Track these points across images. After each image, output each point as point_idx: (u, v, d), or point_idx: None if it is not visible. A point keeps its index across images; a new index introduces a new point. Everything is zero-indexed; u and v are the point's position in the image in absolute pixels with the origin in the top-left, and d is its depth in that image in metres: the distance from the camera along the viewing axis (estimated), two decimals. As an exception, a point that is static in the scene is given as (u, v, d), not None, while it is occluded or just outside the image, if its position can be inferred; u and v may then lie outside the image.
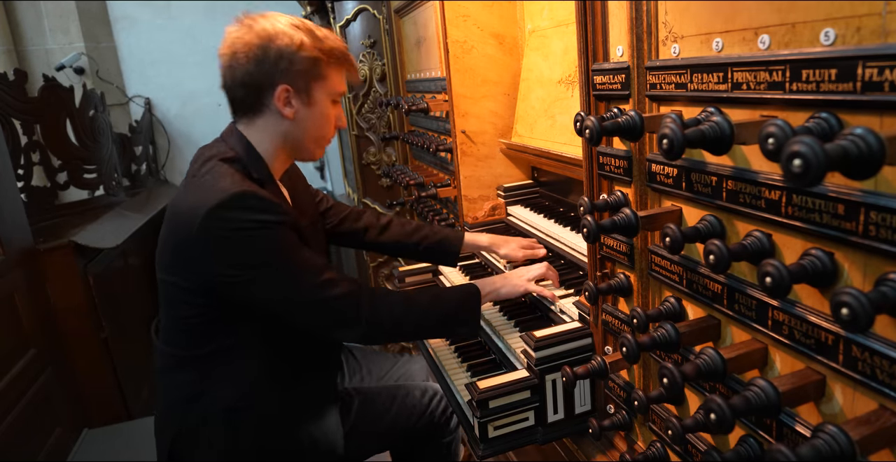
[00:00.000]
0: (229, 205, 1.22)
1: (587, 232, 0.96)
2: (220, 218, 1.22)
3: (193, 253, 1.27)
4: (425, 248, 1.82)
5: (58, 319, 2.79)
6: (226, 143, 1.41)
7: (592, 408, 1.32)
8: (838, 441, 0.58)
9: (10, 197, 2.61)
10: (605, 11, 1.03)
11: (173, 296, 1.39)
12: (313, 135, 1.43)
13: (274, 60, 1.32)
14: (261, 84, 1.34)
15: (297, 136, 1.42)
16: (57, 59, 4.62)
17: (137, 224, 3.61)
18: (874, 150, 0.51)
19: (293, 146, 1.44)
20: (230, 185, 1.25)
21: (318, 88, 1.38)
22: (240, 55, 1.32)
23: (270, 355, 1.45)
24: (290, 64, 1.32)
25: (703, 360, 0.76)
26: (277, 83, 1.34)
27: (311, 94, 1.38)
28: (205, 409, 1.43)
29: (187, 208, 1.27)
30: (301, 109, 1.38)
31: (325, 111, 1.42)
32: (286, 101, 1.36)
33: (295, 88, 1.35)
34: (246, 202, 1.24)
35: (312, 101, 1.39)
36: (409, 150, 3.05)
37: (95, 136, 3.56)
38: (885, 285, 0.58)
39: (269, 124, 1.39)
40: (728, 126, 0.69)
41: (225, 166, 1.32)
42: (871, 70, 0.57)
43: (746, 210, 0.77)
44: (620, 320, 1.13)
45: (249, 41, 1.32)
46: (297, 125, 1.40)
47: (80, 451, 2.60)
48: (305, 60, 1.33)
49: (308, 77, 1.36)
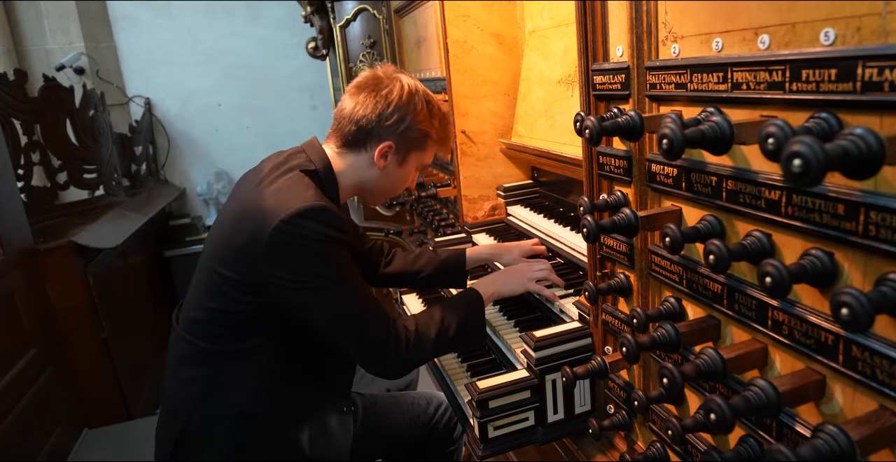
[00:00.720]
0: (308, 215, 1.28)
1: (587, 232, 0.96)
2: (298, 225, 1.27)
3: (258, 252, 1.30)
4: (429, 274, 1.84)
5: (58, 319, 2.79)
6: (307, 156, 1.47)
7: (592, 408, 1.32)
8: (838, 441, 0.58)
9: (10, 197, 2.61)
10: (605, 11, 1.03)
11: (220, 287, 1.41)
12: (388, 188, 1.55)
13: (395, 120, 1.43)
14: (373, 133, 1.44)
15: (374, 184, 1.52)
16: (57, 59, 4.62)
17: (137, 224, 3.61)
18: (874, 150, 0.51)
19: (366, 190, 1.54)
20: (311, 197, 1.32)
21: (414, 156, 1.51)
22: (370, 100, 1.43)
23: (289, 362, 1.47)
24: (407, 130, 1.45)
25: (703, 360, 0.76)
26: (386, 139, 1.44)
27: (406, 157, 1.50)
28: (215, 408, 1.44)
29: (265, 209, 1.31)
30: (392, 166, 1.49)
31: (409, 174, 1.55)
32: (383, 155, 1.46)
33: (397, 148, 1.46)
34: (324, 216, 1.30)
35: (405, 163, 1.51)
36: (409, 150, 3.04)
37: (95, 136, 3.56)
38: (885, 285, 0.58)
39: (358, 164, 1.49)
40: (728, 126, 0.69)
41: (307, 179, 1.39)
42: (871, 70, 0.57)
43: (746, 210, 0.77)
44: (620, 320, 1.13)
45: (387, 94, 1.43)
46: (381, 177, 1.50)
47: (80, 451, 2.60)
48: (419, 132, 1.46)
49: (412, 144, 1.48)
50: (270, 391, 1.45)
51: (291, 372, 1.47)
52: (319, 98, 5.56)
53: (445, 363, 1.67)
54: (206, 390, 1.44)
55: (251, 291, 1.36)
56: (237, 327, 1.42)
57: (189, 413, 1.45)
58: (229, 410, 1.43)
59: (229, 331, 1.42)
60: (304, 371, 1.50)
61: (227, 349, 1.43)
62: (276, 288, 1.32)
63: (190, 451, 1.47)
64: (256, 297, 1.36)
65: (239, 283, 1.37)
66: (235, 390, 1.43)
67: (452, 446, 1.84)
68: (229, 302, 1.40)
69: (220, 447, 1.44)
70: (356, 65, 3.27)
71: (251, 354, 1.43)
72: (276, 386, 1.45)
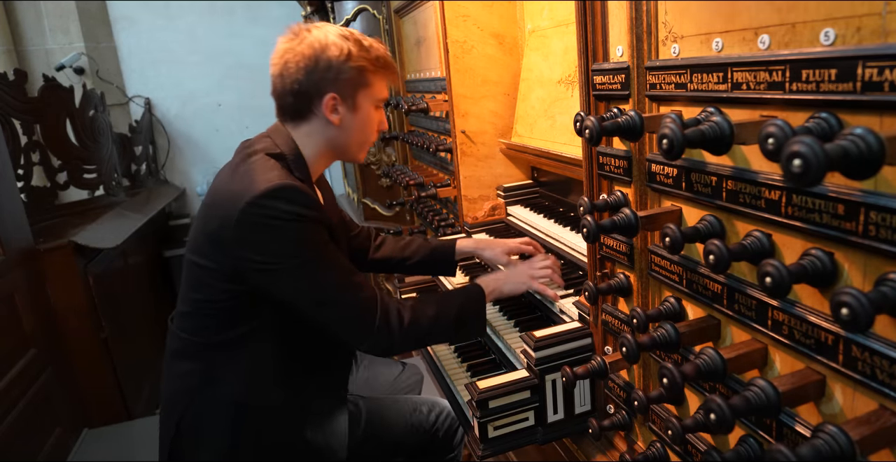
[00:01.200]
0: (273, 194, 1.27)
1: (587, 232, 0.96)
2: (263, 206, 1.27)
3: (230, 237, 1.31)
4: (418, 261, 1.84)
5: (58, 319, 2.79)
6: (272, 140, 1.47)
7: (592, 408, 1.32)
8: (838, 441, 0.58)
9: (10, 197, 2.61)
10: (605, 11, 1.03)
11: (200, 278, 1.42)
12: (358, 139, 1.51)
13: (323, 70, 1.38)
14: (309, 92, 1.41)
15: (342, 140, 1.49)
16: (57, 59, 4.62)
17: (137, 224, 3.61)
18: (874, 150, 0.51)
19: (338, 150, 1.51)
20: (276, 177, 1.31)
21: (363, 96, 1.45)
22: (290, 65, 1.39)
23: (281, 350, 1.46)
24: (338, 73, 1.39)
25: (703, 360, 0.76)
26: (325, 92, 1.40)
27: (356, 101, 1.45)
28: (210, 401, 1.44)
29: (231, 194, 1.32)
30: (346, 116, 1.45)
31: (369, 116, 1.49)
32: (333, 109, 1.42)
33: (341, 96, 1.42)
34: (289, 194, 1.29)
35: (357, 107, 1.45)
36: (409, 150, 3.05)
37: (95, 136, 3.56)
38: (885, 285, 0.58)
39: (316, 129, 1.46)
40: (728, 126, 0.69)
41: (272, 161, 1.39)
42: (871, 70, 0.57)
43: (746, 210, 0.77)
44: (620, 320, 1.13)
45: (301, 51, 1.38)
46: (342, 131, 1.46)
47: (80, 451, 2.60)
48: (352, 70, 1.40)
49: (354, 85, 1.43)
50: (264, 380, 1.45)
51: (284, 359, 1.47)
52: (319, 98, 5.56)
53: (445, 363, 1.67)
54: (200, 383, 1.44)
55: (230, 279, 1.36)
56: (224, 317, 1.42)
57: (185, 407, 1.45)
58: (224, 401, 1.43)
59: (216, 321, 1.43)
60: (297, 357, 1.49)
61: (217, 340, 1.43)
62: (251, 272, 1.32)
63: (187, 447, 1.47)
64: (237, 283, 1.36)
65: (217, 272, 1.37)
66: (229, 381, 1.43)
67: (452, 453, 1.84)
68: (212, 292, 1.40)
69: (216, 443, 1.44)
70: (356, 65, 3.27)
71: (242, 344, 1.42)
72: (269, 374, 1.45)
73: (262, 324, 1.42)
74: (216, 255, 1.37)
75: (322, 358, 1.54)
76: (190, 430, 1.46)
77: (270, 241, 1.29)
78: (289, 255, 1.30)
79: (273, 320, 1.43)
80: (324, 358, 1.55)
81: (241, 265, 1.32)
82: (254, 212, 1.27)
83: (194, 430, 1.46)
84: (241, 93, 5.43)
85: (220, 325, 1.42)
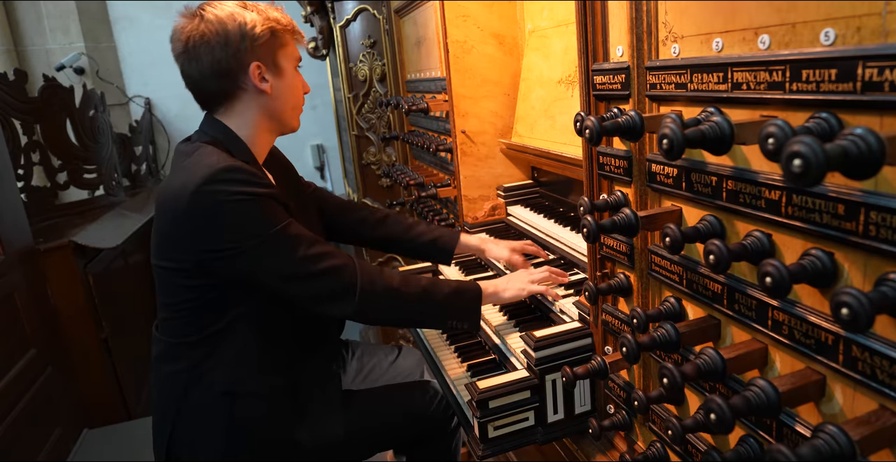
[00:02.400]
0: (216, 178, 1.25)
1: (587, 232, 0.96)
2: (208, 192, 1.24)
3: (184, 231, 1.29)
4: (419, 244, 1.82)
5: (58, 319, 2.79)
6: (205, 133, 1.45)
7: (592, 408, 1.32)
8: (838, 441, 0.58)
9: (10, 197, 2.60)
10: (605, 11, 1.03)
11: (167, 280, 1.41)
12: (291, 104, 1.49)
13: (238, 41, 1.36)
14: (232, 68, 1.37)
15: (276, 108, 1.46)
16: (57, 59, 4.62)
17: (137, 224, 3.61)
18: (874, 150, 0.51)
19: (276, 120, 1.49)
20: (216, 162, 1.29)
21: (282, 57, 1.44)
22: (200, 46, 1.35)
23: (264, 341, 1.45)
24: (254, 40, 1.37)
25: (703, 360, 0.76)
26: (248, 62, 1.38)
27: (278, 64, 1.43)
28: (200, 399, 1.43)
29: (176, 189, 1.29)
30: (274, 82, 1.43)
31: (294, 79, 1.48)
32: (260, 78, 1.40)
33: (265, 63, 1.40)
34: (232, 175, 1.27)
35: (282, 70, 1.44)
36: (409, 150, 3.05)
37: (95, 136, 3.56)
38: (885, 285, 0.58)
39: (249, 105, 1.44)
40: (728, 126, 0.69)
41: (209, 147, 1.36)
42: (871, 70, 0.57)
43: (746, 210, 0.77)
44: (620, 320, 1.13)
45: (206, 30, 1.35)
46: (274, 99, 1.44)
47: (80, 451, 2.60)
48: (265, 34, 1.38)
49: (272, 49, 1.41)
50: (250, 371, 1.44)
51: (268, 348, 1.46)
52: (319, 98, 5.55)
53: (445, 363, 1.67)
54: (188, 382, 1.44)
55: (195, 275, 1.34)
56: (201, 315, 1.41)
57: (176, 409, 1.45)
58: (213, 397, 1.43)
59: (195, 321, 1.42)
60: (281, 344, 1.48)
61: (198, 338, 1.42)
62: (214, 262, 1.30)
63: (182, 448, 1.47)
64: (202, 278, 1.35)
65: (180, 271, 1.36)
66: (215, 377, 1.42)
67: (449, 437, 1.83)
68: (178, 292, 1.39)
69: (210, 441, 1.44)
70: (356, 65, 3.27)
71: (222, 338, 1.42)
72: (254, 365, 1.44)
73: (239, 315, 1.41)
74: (176, 254, 1.35)
75: (307, 344, 1.53)
76: (183, 430, 1.46)
77: (224, 226, 1.27)
78: (246, 236, 1.27)
79: (251, 310, 1.41)
80: (308, 344, 1.54)
81: (203, 257, 1.30)
82: (201, 199, 1.25)
83: (187, 430, 1.45)
84: (241, 93, 5.43)
85: (200, 323, 1.41)
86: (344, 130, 3.96)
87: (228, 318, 1.41)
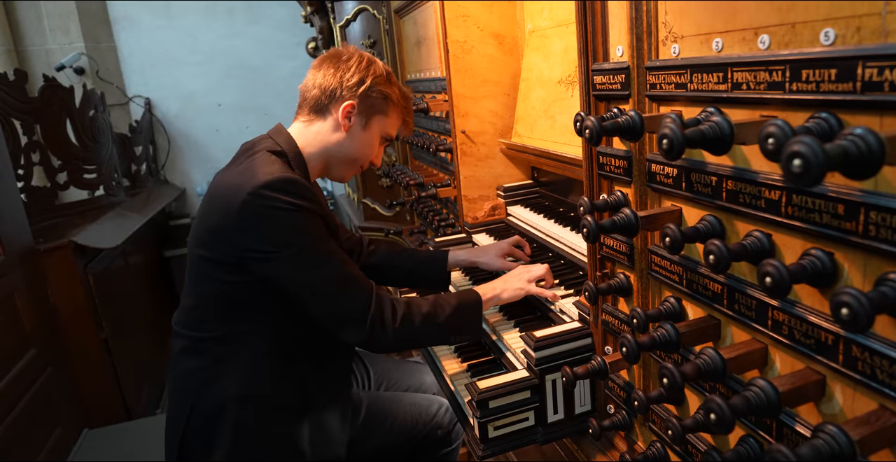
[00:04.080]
0: (273, 186, 1.31)
1: (587, 232, 0.96)
2: (263, 196, 1.30)
3: (232, 228, 1.34)
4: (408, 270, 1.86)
5: (58, 319, 2.79)
6: (273, 140, 1.51)
7: (592, 408, 1.32)
8: (838, 441, 0.58)
9: (10, 197, 2.61)
10: (605, 11, 1.03)
11: (204, 271, 1.44)
12: (354, 155, 1.57)
13: (357, 80, 1.50)
14: (334, 93, 1.51)
15: (340, 150, 1.55)
16: (57, 59, 4.62)
17: (137, 224, 3.61)
18: (874, 150, 0.51)
19: (333, 158, 1.56)
20: (277, 171, 1.36)
21: (377, 121, 1.56)
22: (332, 68, 1.51)
23: (284, 343, 1.47)
24: (367, 89, 1.51)
25: (703, 360, 0.76)
26: (347, 98, 1.50)
27: (369, 121, 1.54)
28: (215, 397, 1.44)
29: (232, 186, 1.35)
30: (356, 128, 1.54)
31: (374, 141, 1.58)
32: (347, 115, 1.51)
33: (359, 109, 1.52)
34: (289, 186, 1.33)
35: (368, 127, 1.55)
36: (409, 150, 3.05)
37: (95, 136, 3.56)
38: (885, 285, 0.58)
39: (323, 130, 1.53)
40: (728, 126, 0.69)
41: (273, 156, 1.44)
42: (871, 70, 0.57)
43: (746, 210, 0.77)
44: (620, 320, 1.13)
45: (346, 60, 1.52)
46: (346, 140, 1.54)
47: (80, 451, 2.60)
48: (380, 93, 1.53)
49: (374, 107, 1.54)
50: (265, 374, 1.46)
51: (285, 353, 1.48)
52: (319, 98, 5.56)
53: (445, 363, 1.67)
54: (207, 380, 1.46)
55: (232, 270, 1.39)
56: (227, 309, 1.44)
57: (192, 405, 1.46)
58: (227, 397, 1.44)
59: (219, 314, 1.45)
60: (298, 352, 1.50)
61: (220, 334, 1.45)
62: (251, 261, 1.35)
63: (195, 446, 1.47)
64: (239, 275, 1.39)
65: (221, 263, 1.40)
66: (232, 376, 1.44)
67: (449, 448, 1.84)
68: (216, 284, 1.42)
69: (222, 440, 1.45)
70: (356, 65, 3.27)
71: (243, 338, 1.44)
72: (269, 368, 1.46)
73: (264, 317, 1.44)
74: (219, 247, 1.39)
75: (322, 353, 1.55)
76: (195, 429, 1.46)
77: (270, 230, 1.32)
78: (287, 244, 1.33)
79: (273, 312, 1.44)
80: (324, 353, 1.56)
81: (243, 255, 1.35)
82: (255, 202, 1.30)
83: (202, 427, 1.47)
84: (242, 93, 5.43)
85: (224, 318, 1.45)
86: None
87: (251, 320, 1.44)
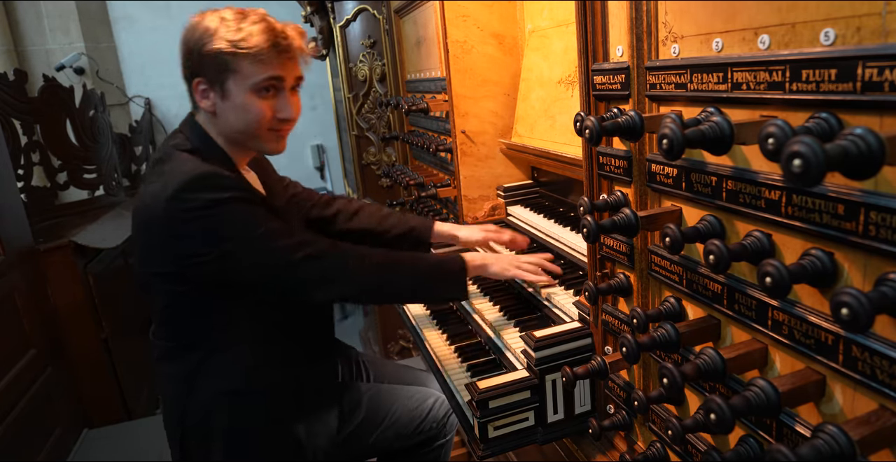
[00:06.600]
0: (190, 187, 1.25)
1: (587, 232, 0.96)
2: (183, 200, 1.25)
3: (162, 239, 1.30)
4: (394, 236, 1.80)
5: (58, 319, 2.79)
6: (183, 134, 1.42)
7: (592, 408, 1.32)
8: (838, 441, 0.58)
9: (10, 197, 2.61)
10: (605, 11, 1.03)
11: (156, 287, 1.41)
12: (239, 128, 1.37)
13: (187, 54, 1.33)
14: (186, 77, 1.36)
15: (230, 128, 1.38)
16: (57, 59, 4.61)
17: (137, 224, 3.60)
18: (874, 150, 0.51)
19: (236, 139, 1.41)
20: (190, 169, 1.28)
21: (232, 83, 1.32)
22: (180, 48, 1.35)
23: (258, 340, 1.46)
24: (200, 57, 1.31)
25: (703, 360, 0.76)
26: (193, 76, 1.35)
27: (225, 87, 1.33)
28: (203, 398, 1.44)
29: (151, 198, 1.30)
30: (218, 103, 1.35)
31: (245, 103, 1.33)
32: (202, 94, 1.35)
33: (208, 81, 1.33)
34: (206, 182, 1.26)
35: (227, 94, 1.33)
36: (409, 150, 3.05)
37: (95, 136, 3.56)
38: (885, 285, 0.58)
39: (207, 115, 1.40)
40: (728, 126, 0.69)
41: (184, 155, 1.35)
42: (871, 70, 0.57)
43: (746, 210, 0.77)
44: (620, 320, 1.13)
45: (182, 35, 1.34)
46: (223, 118, 1.37)
47: (80, 451, 2.60)
48: (211, 54, 1.29)
49: (217, 70, 1.31)
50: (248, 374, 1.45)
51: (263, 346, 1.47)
52: (319, 98, 5.56)
53: (446, 363, 1.67)
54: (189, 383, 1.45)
55: (180, 280, 1.34)
56: (193, 317, 1.42)
57: (182, 408, 1.46)
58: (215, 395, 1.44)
59: (181, 325, 1.43)
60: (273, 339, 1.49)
61: (191, 341, 1.43)
62: (194, 267, 1.31)
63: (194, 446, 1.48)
64: (186, 284, 1.35)
65: (167, 275, 1.35)
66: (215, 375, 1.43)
67: (442, 440, 1.84)
68: (165, 297, 1.40)
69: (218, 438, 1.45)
70: (356, 65, 3.27)
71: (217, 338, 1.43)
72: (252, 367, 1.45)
73: (232, 315, 1.42)
74: (157, 260, 1.35)
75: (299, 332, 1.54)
76: (193, 429, 1.47)
77: (200, 233, 1.27)
78: (227, 239, 1.28)
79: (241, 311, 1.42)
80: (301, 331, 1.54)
81: (183, 263, 1.30)
82: (176, 207, 1.25)
83: (196, 428, 1.47)
84: (241, 93, 5.42)
85: (193, 325, 1.42)
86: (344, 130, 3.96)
87: (220, 320, 1.42)
